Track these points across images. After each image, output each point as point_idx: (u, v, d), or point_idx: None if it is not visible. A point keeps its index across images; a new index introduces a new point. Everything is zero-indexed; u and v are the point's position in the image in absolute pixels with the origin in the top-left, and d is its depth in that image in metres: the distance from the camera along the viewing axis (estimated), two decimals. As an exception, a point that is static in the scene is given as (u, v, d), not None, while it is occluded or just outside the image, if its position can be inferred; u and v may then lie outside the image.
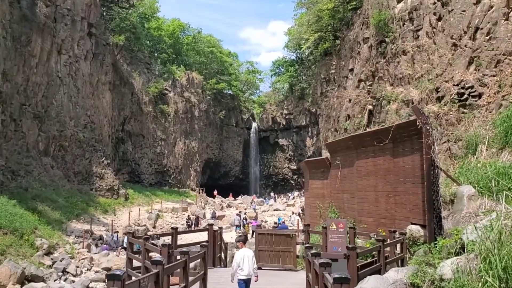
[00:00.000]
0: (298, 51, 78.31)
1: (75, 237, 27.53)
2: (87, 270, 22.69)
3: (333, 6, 51.91)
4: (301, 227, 29.42)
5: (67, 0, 39.59)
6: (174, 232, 13.74)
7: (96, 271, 22.66)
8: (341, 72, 53.68)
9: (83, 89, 41.65)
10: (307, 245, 8.47)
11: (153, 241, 11.85)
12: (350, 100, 22.19)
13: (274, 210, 50.45)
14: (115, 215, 37.49)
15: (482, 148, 12.12)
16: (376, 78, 18.21)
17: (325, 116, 63.72)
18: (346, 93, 23.37)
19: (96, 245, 27.83)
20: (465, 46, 13.77)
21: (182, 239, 32.57)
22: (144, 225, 37.30)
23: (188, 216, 44.47)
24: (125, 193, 43.53)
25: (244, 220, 40.77)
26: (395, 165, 14.13)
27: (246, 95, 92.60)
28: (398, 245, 12.00)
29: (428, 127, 11.33)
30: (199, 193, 61.84)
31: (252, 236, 34.50)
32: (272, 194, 74.76)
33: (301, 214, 37.05)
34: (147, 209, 43.16)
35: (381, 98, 16.54)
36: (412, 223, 12.96)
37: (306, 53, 76.76)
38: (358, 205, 16.16)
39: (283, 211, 49.80)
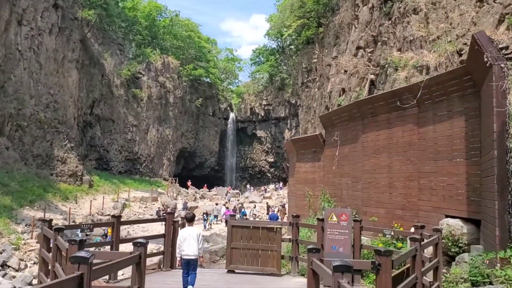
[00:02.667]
0: (280, 39, 75.84)
1: (25, 226, 24.35)
2: (34, 264, 19.62)
3: (318, -10, 49.43)
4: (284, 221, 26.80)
5: (30, -35, 35.91)
6: (116, 222, 9.35)
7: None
8: (324, 60, 51.42)
9: (46, 65, 38.07)
10: (311, 246, 5.63)
11: (84, 233, 8.83)
12: (345, 71, 19.47)
13: (250, 202, 47.89)
14: (76, 203, 34.29)
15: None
16: (379, 43, 15.55)
17: (305, 107, 61.42)
18: (341, 63, 20.60)
19: (50, 235, 24.67)
20: (494, 1, 11.42)
21: (149, 230, 29.71)
22: (108, 215, 34.17)
23: (162, 207, 41.36)
24: (89, 180, 40.25)
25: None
26: (421, 137, 10.94)
27: (225, 84, 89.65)
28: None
29: (502, 65, 7.84)
30: (171, 183, 58.73)
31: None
32: (248, 186, 72.24)
33: (280, 209, 34.49)
34: (113, 197, 39.99)
35: (386, 66, 13.99)
36: (447, 216, 9.82)
37: (288, 42, 74.40)
38: (364, 192, 12.98)
39: (259, 203, 47.28)
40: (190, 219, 9.57)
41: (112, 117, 56.17)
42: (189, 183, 63.62)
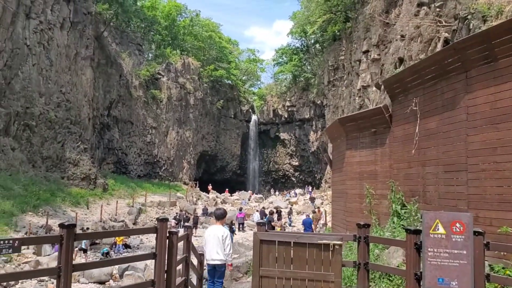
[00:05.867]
0: (303, 38, 72.87)
1: (25, 233, 21.79)
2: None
3: (346, -20, 46.31)
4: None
5: (39, -44, 33.79)
6: (65, 235, 5.27)
7: (40, 281, 16.92)
8: (353, 56, 48.28)
9: (57, 62, 35.82)
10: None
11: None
12: (402, 37, 16.04)
13: (274, 208, 44.67)
14: (87, 208, 31.74)
15: None
16: (453, -8, 12.29)
17: (332, 107, 58.19)
18: (396, 28, 16.97)
19: (53, 245, 22.06)
20: None
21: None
22: (123, 221, 31.60)
23: (180, 212, 38.42)
24: (103, 183, 37.71)
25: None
26: None
27: (246, 86, 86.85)
28: None
29: None
30: (191, 187, 56.01)
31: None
32: (272, 191, 69.07)
33: (312, 215, 30.77)
34: (128, 202, 37.35)
35: (468, 17, 10.63)
36: None
37: (312, 40, 71.36)
38: (472, 186, 8.60)
39: (284, 209, 44.05)
40: (219, 216, 8.05)
41: (131, 119, 53.93)
42: (210, 187, 60.86)
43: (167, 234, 6.61)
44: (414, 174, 10.75)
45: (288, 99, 75.70)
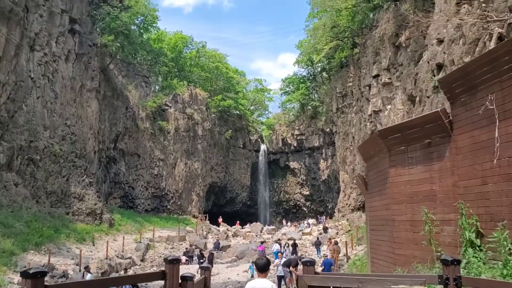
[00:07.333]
0: (310, 67, 72.39)
1: (25, 274, 20.28)
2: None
3: (353, 5, 45.72)
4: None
5: (44, -12, 33.50)
6: None
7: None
8: (361, 82, 47.35)
9: (62, 95, 35.04)
10: None
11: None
12: (439, 40, 14.54)
13: (289, 239, 42.83)
14: (93, 245, 30.21)
15: None
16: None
17: (342, 134, 56.90)
18: (430, 33, 15.37)
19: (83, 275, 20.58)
20: None
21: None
22: (130, 258, 30.04)
23: (190, 247, 36.71)
24: (110, 219, 36.24)
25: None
26: None
27: (254, 116, 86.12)
28: None
29: None
30: (201, 220, 54.30)
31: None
32: (284, 221, 67.12)
33: (333, 247, 28.24)
34: (135, 237, 35.76)
35: None
36: None
37: (319, 69, 70.85)
38: None
39: (299, 240, 42.19)
40: (262, 268, 6.34)
41: (138, 151, 52.89)
42: (220, 220, 59.14)
43: (179, 280, 4.99)
44: (492, 192, 8.71)
45: (297, 127, 74.73)
